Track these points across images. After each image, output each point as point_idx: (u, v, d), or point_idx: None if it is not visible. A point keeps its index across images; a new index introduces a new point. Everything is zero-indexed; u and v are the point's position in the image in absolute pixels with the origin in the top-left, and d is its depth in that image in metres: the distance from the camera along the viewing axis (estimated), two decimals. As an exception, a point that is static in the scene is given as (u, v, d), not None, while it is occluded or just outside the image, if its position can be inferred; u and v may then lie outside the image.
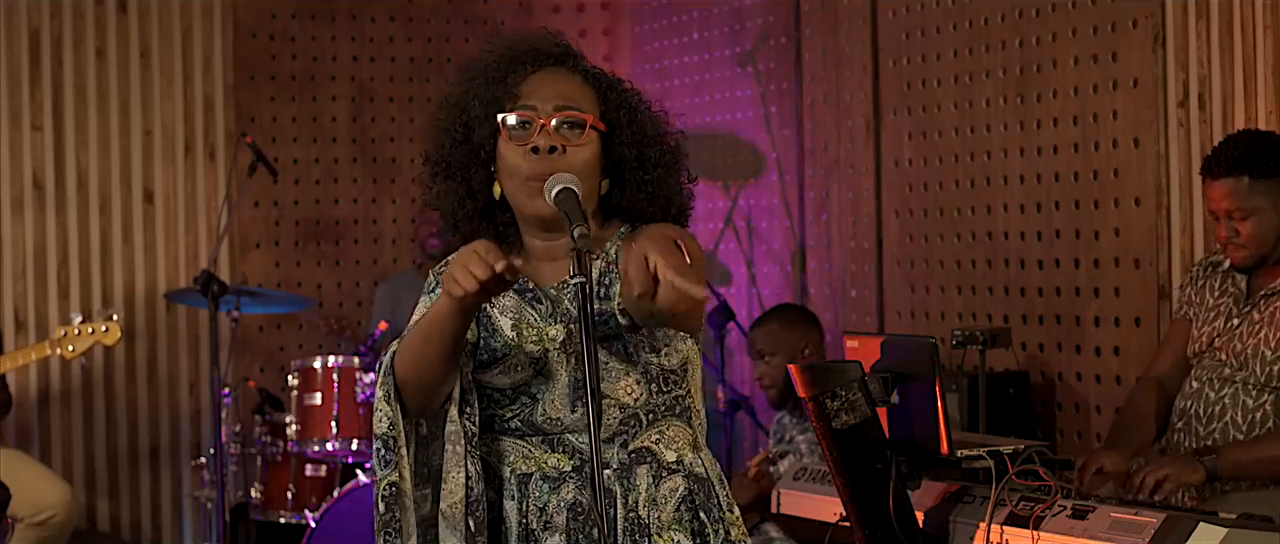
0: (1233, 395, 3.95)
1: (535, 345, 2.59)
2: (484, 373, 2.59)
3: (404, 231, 7.45)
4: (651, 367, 2.58)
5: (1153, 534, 3.14)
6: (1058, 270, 5.34)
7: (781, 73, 6.67)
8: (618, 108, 2.62)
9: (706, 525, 2.59)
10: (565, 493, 2.57)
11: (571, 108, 2.57)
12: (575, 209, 2.47)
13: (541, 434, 2.58)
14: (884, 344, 3.55)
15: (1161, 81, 4.91)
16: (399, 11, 7.47)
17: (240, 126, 7.04)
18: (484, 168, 2.62)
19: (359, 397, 5.81)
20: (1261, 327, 3.93)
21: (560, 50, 2.66)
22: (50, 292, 6.83)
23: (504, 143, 2.58)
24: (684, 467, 2.61)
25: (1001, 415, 5.13)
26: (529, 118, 2.56)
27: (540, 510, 2.57)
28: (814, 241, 6.53)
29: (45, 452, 6.76)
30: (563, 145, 2.54)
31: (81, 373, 6.80)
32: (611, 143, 2.60)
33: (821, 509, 3.91)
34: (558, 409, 2.57)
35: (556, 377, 2.57)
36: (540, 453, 2.59)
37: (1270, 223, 3.93)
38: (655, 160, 2.64)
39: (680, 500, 2.59)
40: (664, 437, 2.60)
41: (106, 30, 6.91)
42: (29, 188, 6.80)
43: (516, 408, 2.59)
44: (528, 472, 2.59)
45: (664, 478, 2.59)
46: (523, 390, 2.59)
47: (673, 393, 2.61)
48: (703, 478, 2.62)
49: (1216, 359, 4.01)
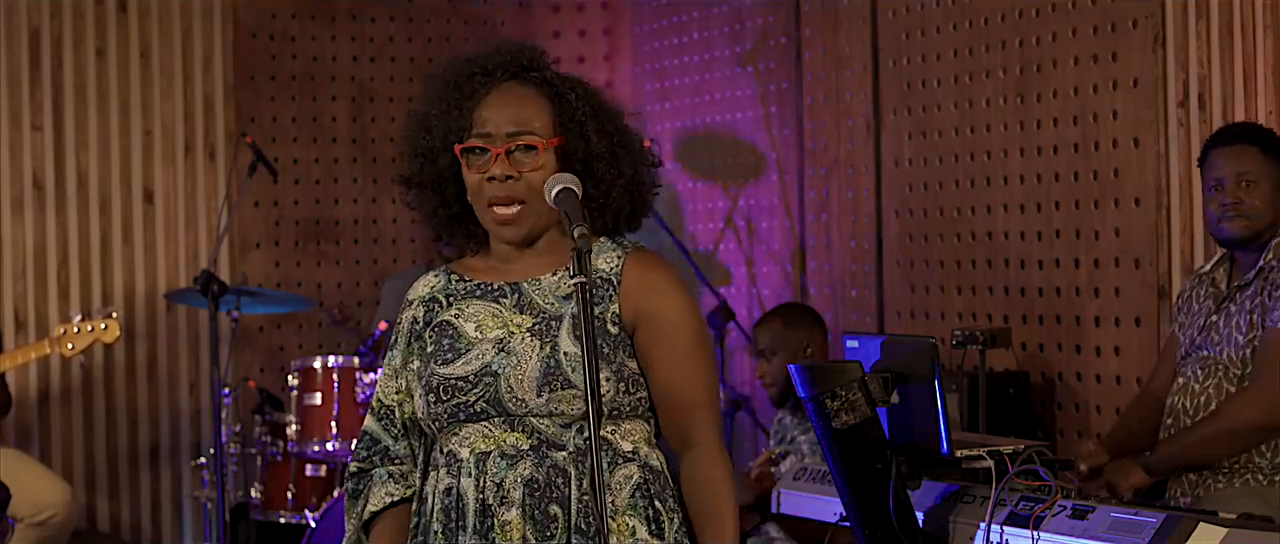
0: (1217, 385, 4.00)
1: (499, 330, 2.69)
2: (446, 367, 2.68)
3: (404, 231, 7.45)
4: (625, 369, 2.66)
5: (1153, 534, 3.14)
6: (1058, 270, 5.34)
7: (781, 73, 6.67)
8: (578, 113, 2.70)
9: (662, 513, 2.66)
10: (522, 469, 2.63)
11: (523, 132, 2.66)
12: (575, 209, 2.56)
13: (505, 414, 2.65)
14: (884, 344, 3.55)
15: (1161, 81, 4.91)
16: (399, 11, 7.47)
17: (240, 126, 7.04)
18: (452, 183, 2.74)
19: (359, 397, 5.81)
20: (1236, 315, 3.99)
21: (514, 63, 2.74)
22: (50, 291, 6.83)
23: (464, 168, 2.70)
24: (639, 458, 2.69)
25: (1001, 415, 5.13)
26: (484, 146, 2.67)
27: (497, 486, 2.63)
28: (814, 241, 6.53)
29: (45, 452, 6.76)
30: (518, 171, 2.65)
31: (81, 372, 6.80)
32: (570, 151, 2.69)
33: (821, 509, 3.91)
34: (525, 391, 2.63)
35: (524, 357, 2.64)
36: (500, 432, 2.65)
37: (1269, 200, 3.99)
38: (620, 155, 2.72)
39: (635, 487, 2.66)
40: (620, 429, 2.68)
41: (106, 30, 6.91)
42: (29, 188, 6.80)
43: (480, 390, 2.65)
44: (487, 450, 2.66)
45: (619, 465, 2.67)
46: (485, 370, 2.66)
47: (637, 395, 2.69)
48: (658, 470, 2.70)
49: (1198, 355, 4.07)
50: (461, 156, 2.69)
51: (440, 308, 2.75)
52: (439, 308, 2.76)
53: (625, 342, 2.67)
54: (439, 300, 2.77)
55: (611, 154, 2.71)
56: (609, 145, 2.71)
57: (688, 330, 2.69)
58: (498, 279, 2.74)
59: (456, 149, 2.69)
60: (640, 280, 2.69)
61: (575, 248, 2.48)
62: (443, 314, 2.74)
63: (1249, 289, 3.99)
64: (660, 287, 2.69)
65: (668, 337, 2.67)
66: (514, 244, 2.72)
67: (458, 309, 2.73)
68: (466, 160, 2.68)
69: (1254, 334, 3.93)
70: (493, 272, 2.76)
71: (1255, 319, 3.93)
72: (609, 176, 2.70)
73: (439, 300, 2.77)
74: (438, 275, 2.81)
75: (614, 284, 2.68)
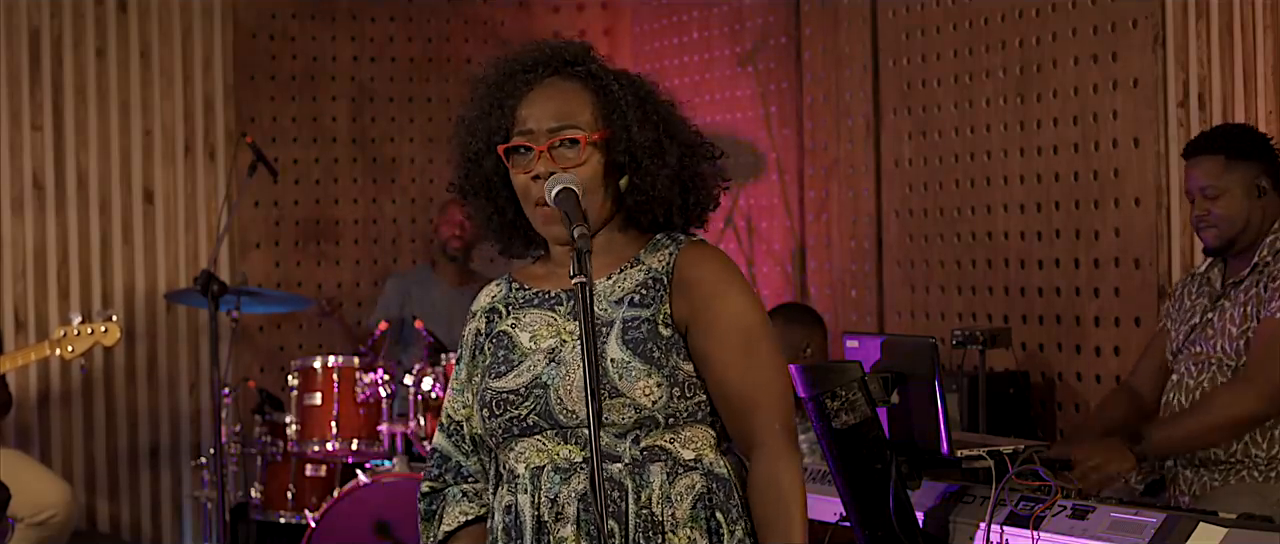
0: (1211, 379, 4.02)
1: (552, 340, 2.61)
2: (500, 381, 2.61)
3: (404, 232, 7.45)
4: (679, 373, 2.55)
5: (1153, 534, 3.14)
6: (1058, 270, 5.34)
7: (781, 73, 6.67)
8: (621, 104, 2.60)
9: (722, 524, 2.55)
10: (575, 483, 2.54)
11: (566, 127, 2.57)
12: (574, 209, 2.49)
13: (557, 427, 2.56)
14: (884, 344, 3.55)
15: (1161, 81, 4.91)
16: (399, 11, 7.47)
17: (240, 126, 7.04)
18: (503, 188, 2.65)
19: (359, 397, 5.81)
20: (1230, 309, 4.01)
21: (557, 58, 2.65)
22: (50, 292, 6.83)
23: (511, 170, 2.60)
24: (703, 465, 2.57)
25: (1001, 415, 5.13)
26: (526, 144, 2.58)
27: (551, 501, 2.55)
28: (814, 241, 6.53)
29: (45, 452, 6.76)
30: (562, 168, 2.55)
31: (81, 374, 6.79)
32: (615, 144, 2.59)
33: (821, 509, 3.91)
34: (574, 401, 2.54)
35: (572, 366, 2.55)
36: (553, 445, 2.57)
37: (1238, 206, 4.02)
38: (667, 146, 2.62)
39: (696, 497, 2.55)
40: (679, 437, 2.57)
41: (106, 30, 6.91)
42: (29, 188, 6.80)
43: (531, 402, 2.57)
44: (541, 464, 2.57)
45: (680, 475, 2.55)
46: (535, 382, 2.58)
47: (695, 399, 2.57)
48: (723, 478, 2.58)
49: (1192, 351, 4.08)
50: (506, 158, 2.60)
51: (500, 318, 2.68)
52: (498, 318, 2.68)
53: (679, 344, 2.56)
54: (499, 310, 2.69)
55: (656, 145, 2.59)
56: (655, 136, 2.59)
57: (742, 328, 2.55)
58: (556, 286, 2.65)
59: (500, 150, 2.60)
60: (691, 276, 2.58)
61: (574, 248, 2.41)
62: (501, 324, 2.67)
63: (1243, 284, 4.02)
64: (711, 281, 2.58)
65: (721, 335, 2.55)
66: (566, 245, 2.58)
67: (515, 318, 2.65)
68: (511, 161, 2.59)
69: (1248, 325, 3.95)
70: (552, 278, 2.67)
71: (1249, 312, 3.95)
72: (654, 168, 2.59)
73: (499, 310, 2.69)
74: (499, 284, 2.74)
75: (665, 282, 2.58)
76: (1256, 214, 4.03)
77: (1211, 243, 4.07)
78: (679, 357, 2.56)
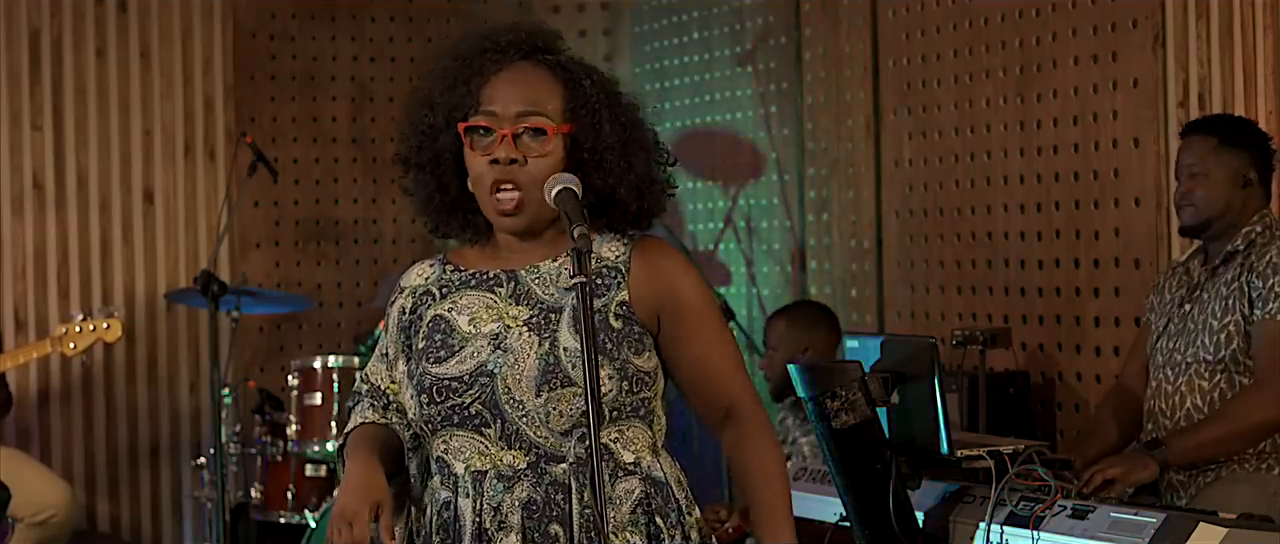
0: (1188, 381, 4.02)
1: (495, 324, 2.56)
2: (440, 366, 2.56)
3: (404, 232, 7.45)
4: (629, 366, 2.54)
5: (1153, 534, 3.14)
6: (1058, 270, 5.34)
7: (781, 73, 6.67)
8: (592, 101, 2.57)
9: (662, 529, 2.54)
10: (519, 492, 2.51)
11: (533, 114, 2.53)
12: (575, 209, 2.45)
13: (502, 421, 2.51)
14: (884, 344, 3.55)
15: (1161, 81, 4.91)
16: (399, 11, 7.47)
17: (240, 126, 7.04)
18: (452, 166, 2.60)
19: (359, 397, 5.80)
20: (1211, 302, 4.01)
21: (529, 43, 2.61)
22: (50, 291, 6.83)
23: (467, 149, 2.56)
24: (641, 469, 2.56)
25: (1001, 415, 5.12)
26: (489, 126, 2.53)
27: (494, 509, 2.51)
28: (814, 241, 6.53)
29: (45, 452, 6.76)
30: (524, 156, 2.52)
31: (81, 372, 6.80)
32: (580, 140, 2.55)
33: (821, 509, 3.91)
34: (524, 392, 2.50)
35: (522, 355, 2.52)
36: (496, 449, 2.52)
37: (1220, 190, 4.03)
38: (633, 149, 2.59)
39: (636, 502, 2.54)
40: (623, 436, 2.56)
41: (106, 30, 6.91)
42: (29, 188, 6.80)
43: (476, 391, 2.52)
44: (483, 469, 2.53)
45: (620, 478, 2.55)
46: (480, 370, 2.53)
47: (641, 395, 2.56)
48: (661, 481, 2.58)
49: (1169, 345, 4.08)
50: (465, 136, 2.54)
51: (433, 300, 2.62)
52: (431, 300, 2.62)
53: (631, 336, 2.54)
54: (432, 293, 2.63)
55: (623, 146, 2.56)
56: (621, 137, 2.56)
57: (710, 307, 2.61)
58: (494, 267, 2.60)
59: (460, 127, 2.54)
60: (654, 265, 2.57)
61: (574, 248, 2.38)
62: (435, 308, 2.60)
63: (1220, 272, 4.01)
64: (676, 268, 2.59)
65: (696, 314, 2.58)
66: (515, 235, 2.58)
67: (452, 302, 2.59)
68: (470, 140, 2.54)
69: (1229, 319, 3.94)
70: (489, 260, 2.62)
71: (1231, 304, 3.94)
72: (619, 170, 2.55)
73: (432, 293, 2.63)
74: (432, 265, 2.67)
75: (622, 271, 2.56)
76: (1237, 202, 4.03)
77: (1187, 221, 4.09)
78: (629, 350, 2.54)
